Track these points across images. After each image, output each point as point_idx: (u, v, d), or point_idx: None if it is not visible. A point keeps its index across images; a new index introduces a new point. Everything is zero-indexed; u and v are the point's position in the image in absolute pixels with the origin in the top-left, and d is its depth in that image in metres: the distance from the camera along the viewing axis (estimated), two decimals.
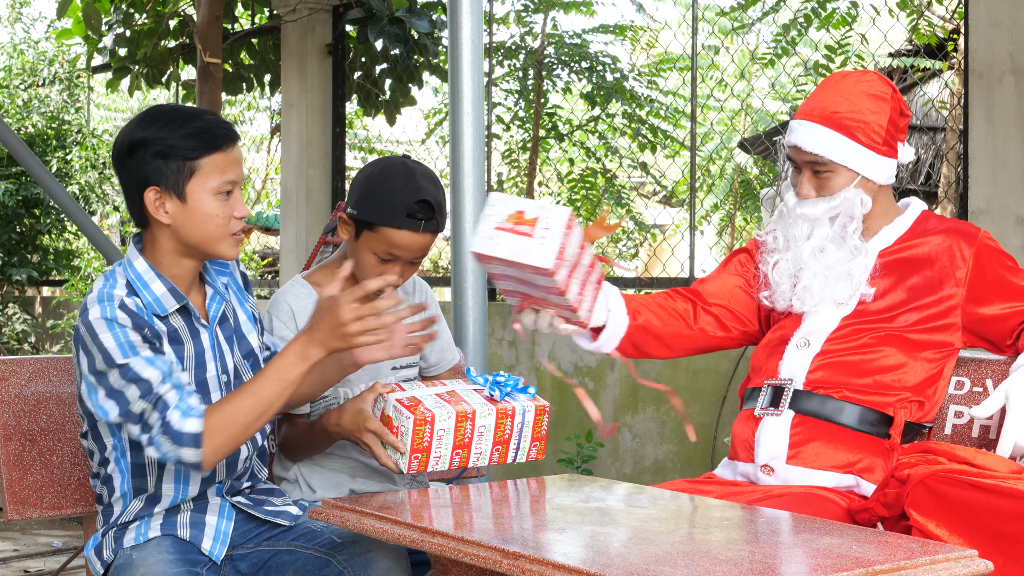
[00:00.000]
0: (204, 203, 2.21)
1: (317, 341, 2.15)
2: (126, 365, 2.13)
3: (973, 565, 1.75)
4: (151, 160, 2.20)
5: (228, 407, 2.14)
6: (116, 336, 2.14)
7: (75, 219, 5.91)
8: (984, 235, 2.60)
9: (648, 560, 1.67)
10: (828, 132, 2.51)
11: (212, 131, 2.22)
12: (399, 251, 2.45)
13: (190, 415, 2.12)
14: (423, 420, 2.21)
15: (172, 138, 2.20)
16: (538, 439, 2.33)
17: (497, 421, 2.27)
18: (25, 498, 2.48)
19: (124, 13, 6.86)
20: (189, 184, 2.20)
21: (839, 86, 2.56)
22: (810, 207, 2.54)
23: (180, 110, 2.25)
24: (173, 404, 2.12)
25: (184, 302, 2.26)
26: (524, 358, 5.54)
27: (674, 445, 5.05)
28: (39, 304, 9.86)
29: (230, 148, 2.23)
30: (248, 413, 2.14)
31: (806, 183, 2.55)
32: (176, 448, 2.11)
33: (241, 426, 2.14)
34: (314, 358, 2.16)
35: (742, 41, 9.45)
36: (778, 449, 2.48)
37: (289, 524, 2.36)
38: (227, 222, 2.23)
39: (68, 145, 9.59)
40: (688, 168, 6.63)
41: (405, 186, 2.42)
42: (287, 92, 6.68)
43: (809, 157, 2.52)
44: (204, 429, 2.11)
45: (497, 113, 8.56)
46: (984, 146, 4.23)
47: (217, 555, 2.27)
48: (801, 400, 2.50)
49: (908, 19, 7.51)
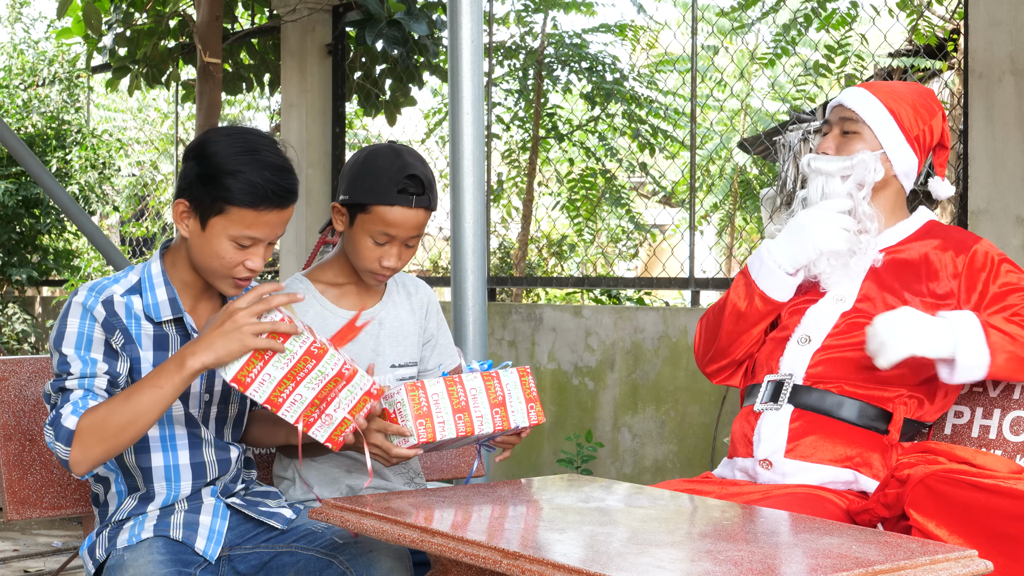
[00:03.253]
0: (218, 242, 2.21)
1: (199, 343, 2.09)
2: (65, 355, 2.17)
3: (973, 565, 1.75)
4: (195, 177, 2.20)
5: (102, 410, 2.12)
6: (81, 325, 2.18)
7: (75, 219, 5.91)
8: (982, 244, 2.59)
9: (648, 560, 1.67)
10: (873, 99, 2.61)
11: (258, 190, 2.17)
12: (394, 229, 2.45)
13: (75, 413, 2.12)
14: (414, 386, 2.24)
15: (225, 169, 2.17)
16: (532, 400, 2.35)
17: (485, 383, 2.30)
18: (25, 498, 2.48)
19: (124, 13, 6.86)
20: (214, 218, 2.20)
21: (902, 83, 2.68)
22: (824, 162, 2.61)
23: (256, 146, 2.19)
24: (72, 400, 2.14)
25: (180, 315, 2.27)
26: (524, 358, 5.55)
27: (674, 445, 5.05)
28: (39, 304, 9.86)
29: (267, 211, 2.18)
30: (119, 418, 2.10)
31: (830, 139, 2.64)
32: (53, 440, 2.13)
33: (111, 431, 2.10)
34: (193, 367, 2.08)
35: (742, 41, 9.45)
36: (777, 443, 2.48)
37: (283, 527, 2.36)
38: (233, 267, 2.23)
39: (68, 145, 9.59)
40: (688, 168, 6.63)
41: (392, 164, 2.45)
42: (287, 92, 6.68)
43: (846, 113, 2.62)
44: (76, 428, 2.10)
45: (497, 113, 8.56)
46: (984, 146, 4.23)
47: (211, 555, 2.27)
48: (800, 395, 2.51)
49: (908, 19, 7.51)
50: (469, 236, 3.30)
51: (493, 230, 9.18)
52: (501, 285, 6.22)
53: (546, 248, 10.90)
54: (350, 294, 2.59)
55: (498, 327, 5.65)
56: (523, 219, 9.03)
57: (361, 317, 2.44)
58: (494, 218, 9.77)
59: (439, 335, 2.72)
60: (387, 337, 2.60)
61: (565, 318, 5.44)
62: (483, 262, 3.35)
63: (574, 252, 10.67)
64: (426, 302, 2.70)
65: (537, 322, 5.54)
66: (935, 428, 2.63)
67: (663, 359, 5.09)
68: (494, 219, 9.76)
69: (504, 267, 9.82)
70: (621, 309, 5.38)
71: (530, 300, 9.51)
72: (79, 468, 2.12)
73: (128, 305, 2.24)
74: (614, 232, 10.66)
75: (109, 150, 9.92)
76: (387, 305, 2.63)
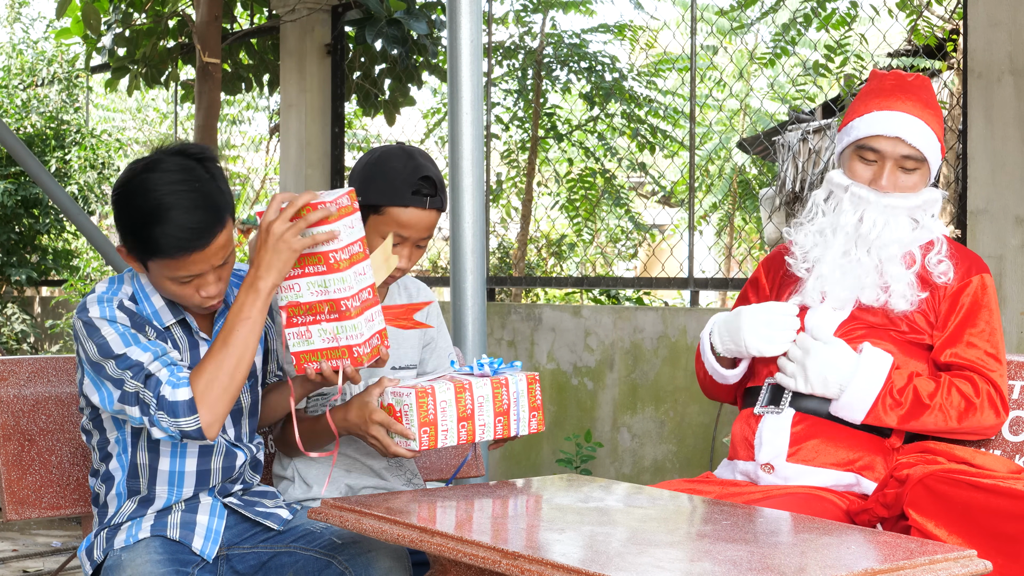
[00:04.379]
0: (163, 282, 2.21)
1: (261, 269, 2.14)
2: (123, 355, 2.16)
3: (972, 565, 1.75)
4: (125, 222, 2.18)
5: (207, 363, 2.14)
6: (116, 329, 2.17)
7: (74, 219, 5.91)
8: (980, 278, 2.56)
9: (647, 560, 1.67)
10: (927, 130, 2.51)
11: (172, 242, 2.14)
12: (407, 230, 2.46)
13: (179, 385, 2.12)
14: (424, 392, 2.23)
15: (135, 220, 2.15)
16: (535, 409, 2.35)
17: (494, 391, 2.30)
18: (24, 498, 2.48)
19: (123, 13, 6.86)
20: (150, 262, 2.19)
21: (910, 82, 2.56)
22: (898, 199, 2.51)
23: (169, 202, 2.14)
24: (165, 379, 2.13)
25: (181, 316, 2.27)
26: (523, 358, 5.55)
27: (673, 445, 5.05)
28: (38, 304, 9.86)
29: (184, 256, 2.15)
30: (227, 361, 2.13)
31: (888, 174, 2.52)
32: (174, 420, 2.12)
33: (227, 376, 2.13)
34: (264, 288, 2.14)
35: (741, 41, 9.46)
36: (779, 447, 2.48)
37: (279, 527, 2.36)
38: (191, 298, 2.23)
39: (67, 145, 9.58)
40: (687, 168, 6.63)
41: (405, 166, 2.45)
42: (286, 92, 6.68)
43: (907, 151, 2.51)
44: (194, 393, 2.11)
45: (496, 113, 8.56)
46: (983, 146, 4.23)
47: (208, 554, 2.27)
48: (802, 398, 2.50)
49: (907, 19, 7.51)
50: (468, 236, 3.30)
51: (492, 230, 9.18)
52: (500, 285, 6.22)
53: (545, 248, 10.90)
54: None
55: (497, 327, 5.65)
56: (522, 219, 9.03)
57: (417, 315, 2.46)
58: (493, 218, 9.77)
59: (439, 338, 2.72)
60: (389, 340, 2.60)
61: (564, 318, 5.44)
62: (482, 262, 3.35)
63: (573, 252, 10.67)
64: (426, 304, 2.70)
65: (536, 322, 5.54)
66: None
67: (662, 359, 5.09)
68: (493, 219, 9.76)
69: (503, 267, 9.82)
70: (620, 309, 5.38)
71: (529, 300, 9.51)
72: (212, 430, 2.14)
73: (138, 310, 2.26)
74: (613, 232, 10.66)
75: (108, 150, 9.92)
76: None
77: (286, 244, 2.13)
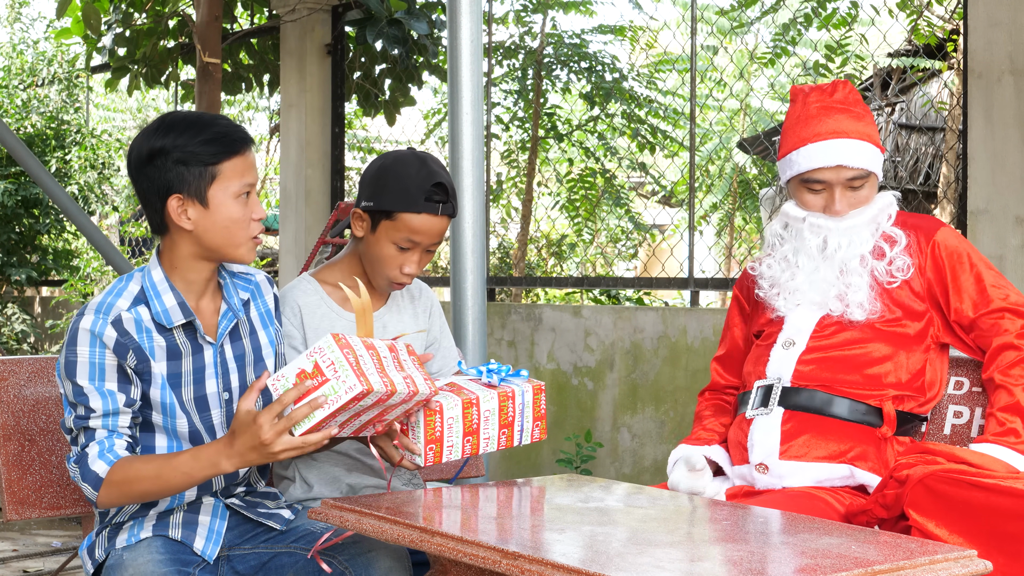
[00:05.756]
0: (225, 207, 2.23)
1: (235, 454, 2.11)
2: (83, 387, 2.18)
3: (972, 565, 1.75)
4: (172, 167, 2.21)
5: (133, 471, 2.17)
6: (92, 354, 2.18)
7: (74, 219, 5.90)
8: (944, 232, 2.62)
9: (647, 560, 1.67)
10: (863, 145, 2.57)
11: (230, 135, 2.24)
12: (419, 236, 2.46)
13: (103, 457, 2.17)
14: (432, 411, 2.22)
15: (192, 144, 2.21)
16: (539, 419, 2.35)
17: (500, 404, 2.29)
18: (24, 498, 2.48)
19: (123, 13, 6.86)
20: (211, 189, 2.22)
21: (833, 98, 2.62)
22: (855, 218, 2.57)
23: (196, 116, 2.26)
24: (98, 439, 2.18)
25: (191, 318, 2.26)
26: (523, 358, 5.55)
27: (673, 445, 5.05)
28: (38, 304, 9.87)
29: (247, 152, 2.26)
30: (147, 485, 2.17)
31: (841, 200, 2.57)
32: (80, 480, 2.19)
33: (137, 493, 2.18)
34: (225, 469, 2.13)
35: (741, 41, 9.46)
36: (770, 446, 2.49)
37: (281, 528, 2.36)
38: (247, 225, 2.26)
39: (67, 145, 9.59)
40: (687, 168, 6.63)
41: (419, 172, 2.46)
42: (286, 92, 6.68)
43: (853, 173, 2.56)
44: (105, 478, 2.16)
45: (496, 113, 8.56)
46: (983, 146, 4.23)
47: (210, 555, 2.27)
48: (790, 396, 2.52)
49: (908, 19, 7.51)
50: (468, 236, 3.30)
51: (492, 230, 9.18)
52: (500, 285, 6.22)
53: (545, 248, 10.91)
54: None
55: (497, 327, 5.65)
56: (522, 219, 9.03)
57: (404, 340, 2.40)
58: (493, 218, 9.77)
59: (442, 338, 2.72)
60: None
61: (564, 318, 5.44)
62: (482, 262, 3.35)
63: (573, 252, 10.68)
64: (429, 305, 2.70)
65: (536, 322, 5.54)
66: (934, 428, 2.64)
67: (662, 359, 5.09)
68: (493, 219, 9.76)
69: (503, 267, 9.82)
70: (620, 309, 5.38)
71: (529, 300, 9.51)
72: (103, 506, 2.22)
73: (137, 320, 2.22)
74: (613, 232, 10.67)
75: (108, 150, 9.93)
76: (392, 309, 2.63)
77: (266, 454, 2.08)
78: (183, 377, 2.26)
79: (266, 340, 2.39)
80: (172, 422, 2.25)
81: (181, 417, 2.25)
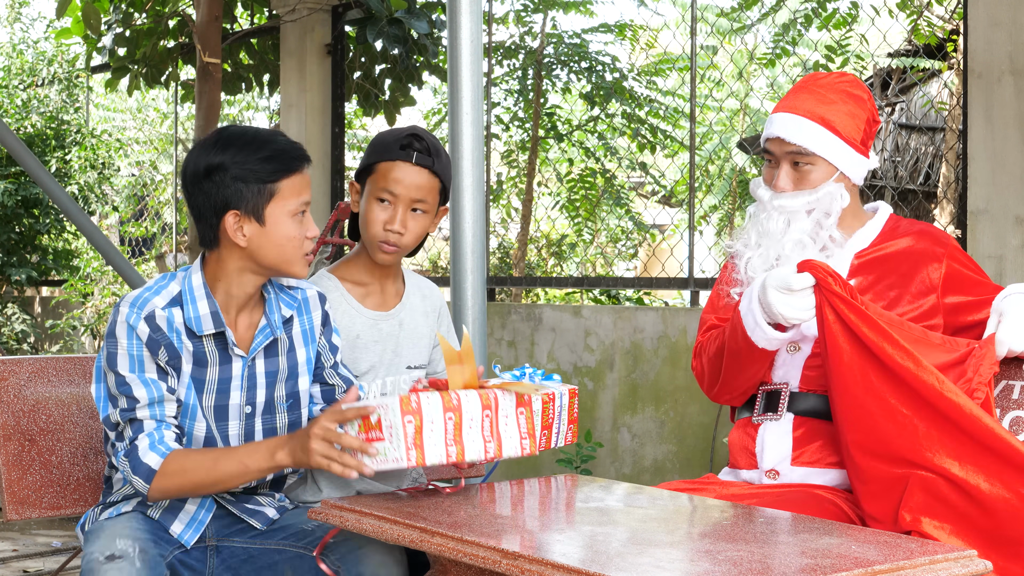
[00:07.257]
0: (282, 225, 2.24)
1: (289, 449, 2.15)
2: (125, 376, 2.19)
3: (972, 565, 1.75)
4: (231, 183, 2.21)
5: (189, 462, 2.18)
6: (130, 346, 2.20)
7: (74, 219, 5.90)
8: (953, 240, 2.59)
9: (647, 560, 1.67)
10: (811, 124, 2.51)
11: (289, 153, 2.24)
12: (397, 187, 2.47)
13: (155, 449, 2.18)
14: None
15: (251, 161, 2.21)
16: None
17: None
18: (24, 498, 2.48)
19: (123, 13, 6.86)
20: (268, 207, 2.23)
21: (819, 83, 2.57)
22: (788, 199, 2.51)
23: (255, 133, 2.26)
24: (147, 431, 2.18)
25: (222, 329, 2.27)
26: (523, 358, 5.55)
27: (673, 445, 5.05)
28: (38, 304, 9.86)
29: (304, 169, 2.27)
30: (203, 476, 2.19)
31: (784, 176, 2.53)
32: (131, 472, 2.19)
33: (191, 484, 2.19)
34: (281, 462, 2.16)
35: (741, 41, 9.46)
36: (782, 452, 2.47)
37: (261, 527, 2.36)
38: (300, 243, 2.27)
39: (67, 145, 9.58)
40: (687, 168, 6.63)
41: (400, 130, 2.51)
42: (286, 92, 6.68)
43: (791, 148, 2.51)
44: (159, 470, 2.17)
45: (496, 113, 8.56)
46: (983, 146, 4.23)
47: (187, 540, 2.30)
48: (798, 401, 2.49)
49: (908, 19, 7.51)
50: (468, 236, 3.29)
51: (492, 230, 9.18)
52: (500, 285, 6.22)
53: (545, 248, 10.91)
54: (374, 294, 2.60)
55: (497, 327, 5.65)
56: (522, 219, 9.03)
57: None
58: (493, 218, 9.77)
59: (449, 337, 2.73)
60: (406, 338, 2.61)
61: (564, 318, 5.44)
62: (482, 262, 3.35)
63: (573, 252, 10.67)
64: (438, 305, 2.71)
65: (536, 322, 5.54)
66: None
67: (662, 359, 5.09)
68: (493, 219, 9.77)
69: (503, 267, 9.82)
70: (620, 309, 5.38)
71: (529, 300, 9.51)
72: (153, 499, 2.23)
73: (170, 319, 2.24)
74: (613, 232, 10.67)
75: (108, 150, 9.92)
76: (406, 307, 2.64)
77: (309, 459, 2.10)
78: (207, 384, 2.27)
79: (304, 358, 2.38)
80: (191, 424, 2.26)
81: (200, 421, 2.27)
